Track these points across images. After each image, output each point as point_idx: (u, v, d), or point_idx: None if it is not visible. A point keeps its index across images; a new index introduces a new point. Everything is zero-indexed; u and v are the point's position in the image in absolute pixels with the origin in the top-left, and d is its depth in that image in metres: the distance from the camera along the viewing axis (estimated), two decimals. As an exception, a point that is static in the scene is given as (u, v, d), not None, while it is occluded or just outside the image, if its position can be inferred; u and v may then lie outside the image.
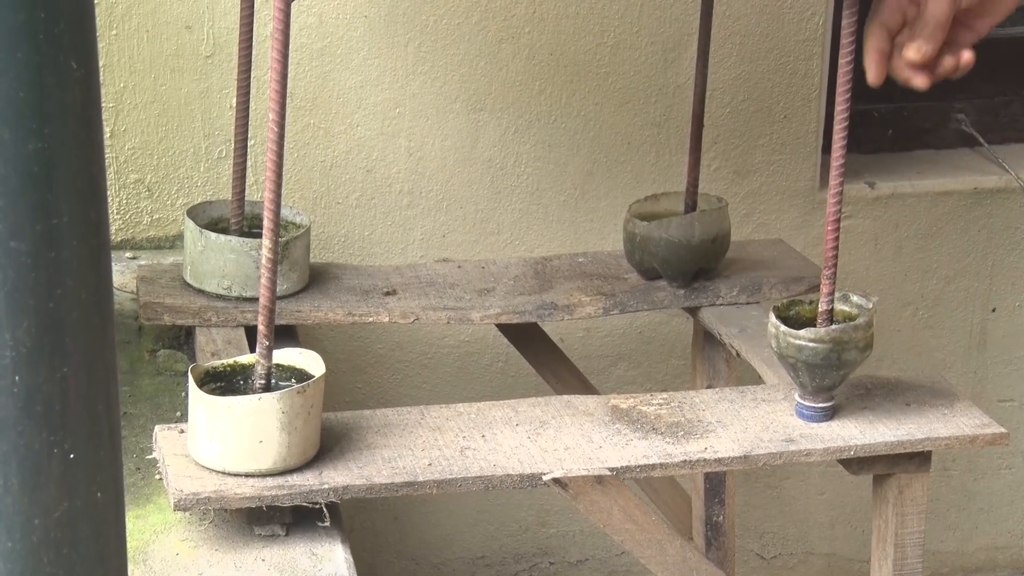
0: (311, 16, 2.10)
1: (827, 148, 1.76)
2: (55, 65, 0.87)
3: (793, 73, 2.28)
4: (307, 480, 1.55)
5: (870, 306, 1.71)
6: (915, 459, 1.73)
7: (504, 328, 2.02)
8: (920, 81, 1.65)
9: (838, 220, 1.68)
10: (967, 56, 1.67)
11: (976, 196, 2.43)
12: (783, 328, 1.68)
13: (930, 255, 2.43)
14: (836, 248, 1.69)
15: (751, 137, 2.29)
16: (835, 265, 1.70)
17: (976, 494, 2.56)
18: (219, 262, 1.89)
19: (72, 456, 0.94)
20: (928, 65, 1.64)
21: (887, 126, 1.76)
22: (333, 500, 1.56)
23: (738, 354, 1.92)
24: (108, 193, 2.11)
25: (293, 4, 1.53)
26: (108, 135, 2.10)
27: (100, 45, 2.05)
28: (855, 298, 1.72)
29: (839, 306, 1.71)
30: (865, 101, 1.89)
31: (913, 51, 1.62)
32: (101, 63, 2.06)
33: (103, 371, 0.94)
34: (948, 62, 1.65)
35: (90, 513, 0.97)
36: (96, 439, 0.96)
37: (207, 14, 2.07)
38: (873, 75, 1.66)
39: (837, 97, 1.65)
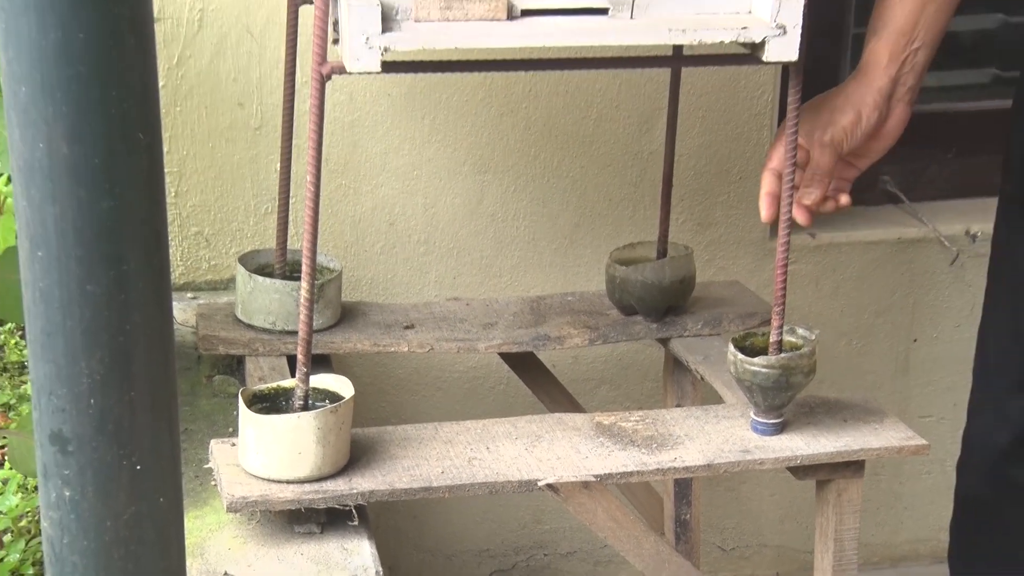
0: (343, 94, 2.10)
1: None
2: (124, 136, 0.86)
3: (747, 141, 2.27)
4: (339, 486, 1.54)
5: (813, 337, 1.71)
6: (851, 467, 1.72)
7: (505, 356, 2.02)
8: (803, 220, 1.68)
9: (785, 265, 1.67)
10: (844, 200, 1.72)
11: (900, 245, 2.42)
12: (740, 356, 1.67)
13: (862, 294, 2.43)
14: (784, 288, 1.69)
15: (712, 195, 2.29)
16: (783, 303, 1.69)
17: (902, 495, 2.55)
18: (265, 301, 1.88)
19: (139, 467, 0.93)
20: (813, 206, 1.68)
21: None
22: (361, 503, 1.56)
23: (702, 378, 1.91)
24: (172, 243, 2.12)
25: (328, 84, 1.52)
26: (173, 194, 2.09)
27: (166, 119, 2.05)
28: (800, 331, 1.72)
29: (787, 337, 1.70)
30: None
31: (804, 197, 1.67)
32: (167, 134, 2.06)
33: (165, 394, 0.93)
34: (829, 205, 1.70)
35: (154, 516, 0.96)
36: (159, 453, 0.95)
37: (256, 93, 2.07)
38: (766, 216, 1.69)
39: (785, 163, 1.65)
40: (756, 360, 1.67)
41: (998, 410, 1.94)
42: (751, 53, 1.57)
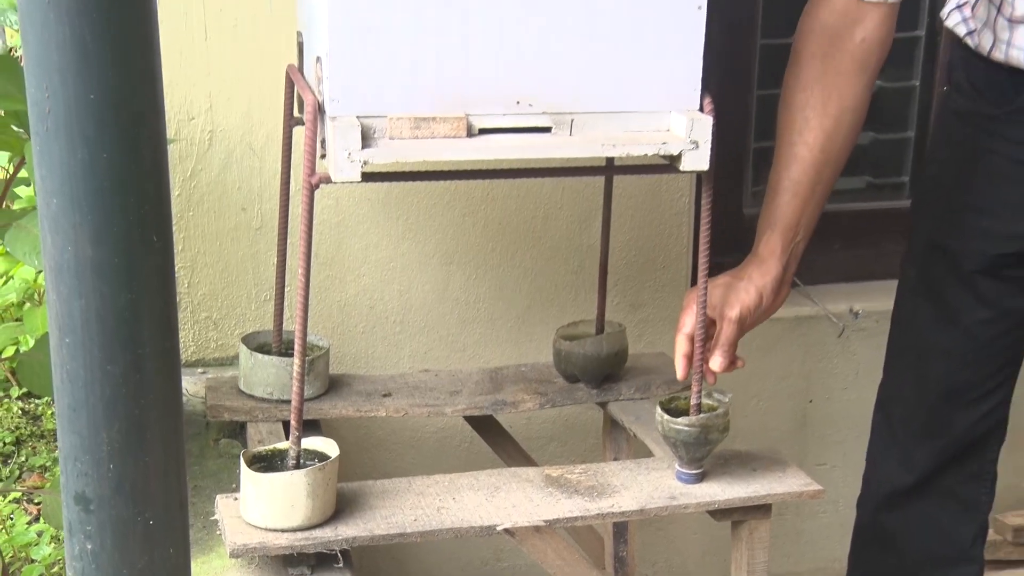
0: (330, 199, 2.09)
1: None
2: (141, 239, 0.86)
3: (669, 236, 2.28)
4: (326, 533, 1.52)
5: (726, 400, 1.70)
6: (760, 509, 1.71)
7: (469, 419, 2.00)
8: (710, 378, 1.71)
9: (702, 340, 1.67)
10: (740, 364, 1.74)
11: (796, 321, 2.43)
12: (666, 417, 1.67)
13: (767, 363, 2.43)
14: (702, 359, 1.68)
15: (641, 281, 2.29)
16: (701, 371, 1.69)
17: (803, 532, 2.54)
18: (264, 375, 1.87)
19: (151, 523, 0.91)
20: (721, 368, 1.72)
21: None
22: (345, 547, 1.53)
23: (635, 435, 1.90)
24: (185, 326, 2.10)
25: (316, 192, 1.51)
26: (186, 285, 2.08)
27: (181, 222, 2.04)
28: (716, 395, 1.71)
29: (705, 400, 1.69)
30: (719, 255, 1.88)
31: (714, 363, 1.70)
32: (182, 234, 2.05)
33: (175, 460, 0.92)
34: (731, 367, 1.73)
35: (165, 564, 0.95)
36: (169, 509, 0.93)
37: (256, 199, 2.07)
38: (681, 374, 1.71)
39: (700, 256, 1.65)
40: (679, 420, 1.66)
41: (904, 456, 1.94)
42: (670, 163, 1.58)
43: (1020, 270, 1.80)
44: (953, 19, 1.80)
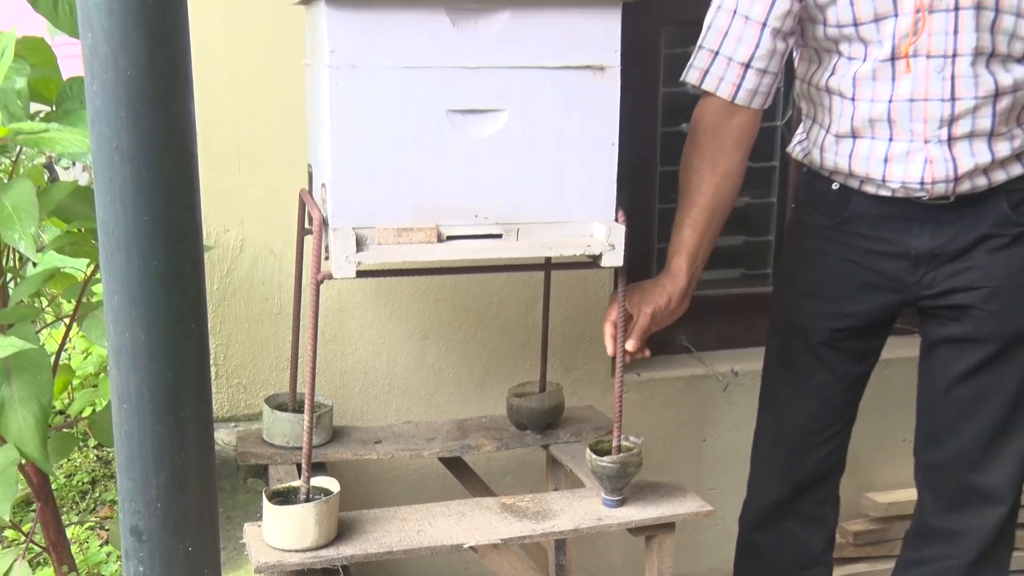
0: (333, 290, 2.08)
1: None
2: (183, 328, 0.84)
3: (595, 316, 2.28)
4: (330, 553, 1.49)
5: (640, 442, 1.69)
6: (667, 526, 1.69)
7: (442, 459, 1.97)
8: (628, 358, 1.68)
9: (621, 395, 1.67)
10: (647, 353, 1.71)
11: (692, 379, 2.43)
12: (593, 456, 1.65)
13: (670, 412, 2.42)
14: (620, 410, 1.68)
15: (573, 350, 2.29)
16: (620, 419, 1.68)
17: (700, 542, 2.51)
18: (282, 428, 1.84)
19: (191, 550, 0.89)
20: (633, 352, 1.68)
21: (652, 343, 1.80)
22: (345, 563, 1.50)
23: (571, 471, 1.87)
24: (220, 390, 2.07)
25: (322, 286, 1.50)
26: (222, 358, 2.05)
27: (219, 309, 2.02)
28: (632, 438, 1.70)
29: (624, 443, 1.68)
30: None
31: (629, 344, 1.67)
32: (219, 319, 2.02)
33: (209, 501, 0.89)
34: (641, 354, 1.70)
35: None
36: (204, 539, 0.91)
37: (277, 291, 2.05)
38: (609, 351, 1.68)
39: (618, 331, 1.65)
40: (604, 459, 1.65)
41: (771, 486, 1.94)
42: (594, 261, 1.58)
43: (852, 342, 1.81)
44: (794, 150, 1.83)
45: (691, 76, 1.70)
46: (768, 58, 1.64)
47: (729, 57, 1.65)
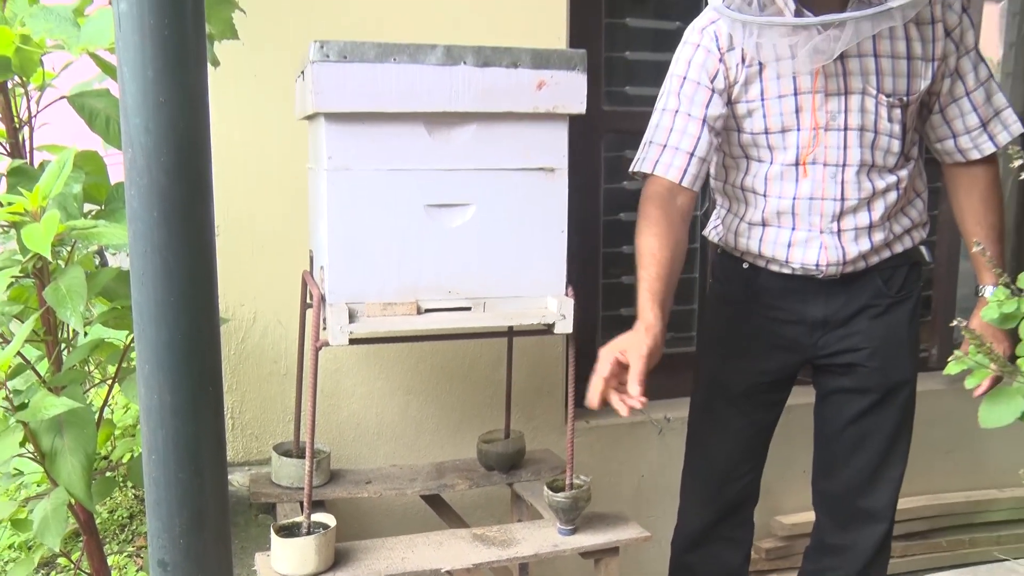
0: (331, 355, 2.07)
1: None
2: (202, 390, 0.84)
3: (552, 373, 2.28)
4: (328, 577, 1.46)
5: (588, 480, 1.68)
6: (612, 551, 1.68)
7: (423, 496, 1.96)
8: (625, 411, 1.49)
9: (572, 440, 1.66)
10: (645, 401, 1.52)
11: (632, 425, 2.43)
12: (550, 492, 1.64)
13: (614, 453, 2.42)
14: (572, 453, 1.67)
15: (533, 403, 2.28)
16: (572, 461, 1.67)
17: (640, 563, 2.49)
18: (287, 471, 1.81)
19: (208, 579, 0.87)
20: (637, 399, 1.50)
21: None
22: (341, 587, 1.47)
23: (531, 505, 1.85)
24: (236, 440, 2.04)
25: (320, 351, 1.50)
26: (238, 412, 2.02)
27: (235, 372, 2.00)
28: (582, 477, 1.69)
29: (575, 480, 1.67)
30: (581, 382, 1.85)
31: (633, 390, 1.47)
32: (235, 379, 2.00)
33: (224, 537, 0.88)
34: (642, 401, 1.52)
35: None
36: (221, 568, 0.89)
37: (284, 356, 2.04)
38: (594, 404, 1.50)
39: (569, 387, 1.65)
40: (558, 495, 1.64)
41: (696, 514, 1.93)
42: (549, 328, 1.59)
43: (764, 395, 1.82)
44: (711, 234, 1.87)
45: (644, 166, 1.67)
46: (707, 149, 1.64)
47: (676, 147, 1.65)
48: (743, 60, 1.62)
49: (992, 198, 1.72)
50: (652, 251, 1.67)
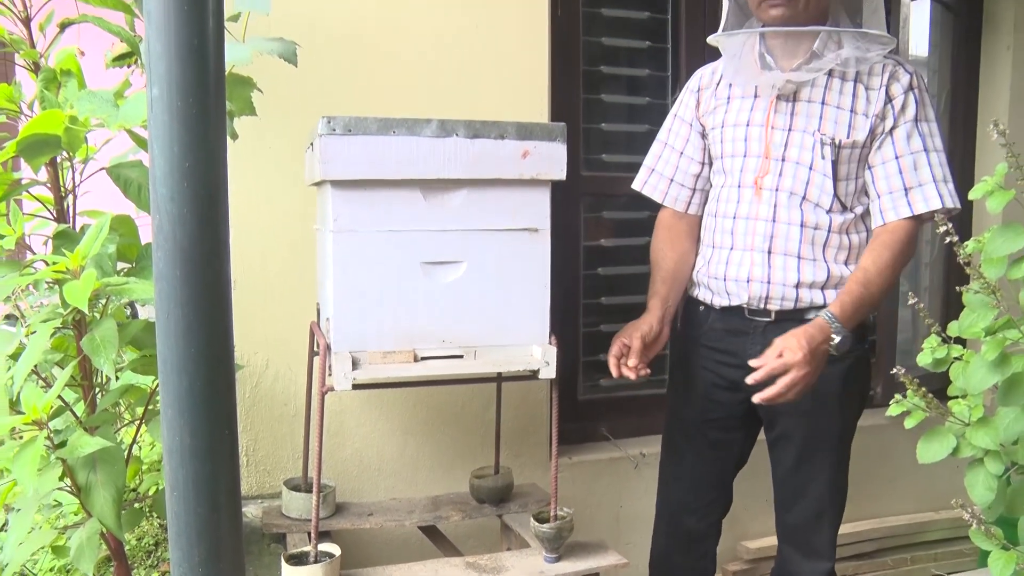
0: (336, 398, 2.07)
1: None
2: (219, 432, 0.84)
3: (538, 414, 2.28)
4: (332, 604, 1.44)
5: (571, 512, 1.68)
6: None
7: (421, 527, 1.94)
8: (633, 376, 1.65)
9: (556, 475, 1.66)
10: (648, 371, 1.68)
11: (610, 461, 2.41)
12: (536, 523, 1.64)
13: (594, 486, 2.40)
14: (556, 487, 1.67)
15: (520, 441, 2.27)
16: (556, 494, 1.67)
17: (622, 588, 2.46)
18: (297, 504, 1.80)
19: (222, 605, 0.86)
20: (635, 369, 1.65)
21: (579, 434, 1.78)
22: (344, 613, 1.45)
23: (519, 535, 1.84)
24: (250, 475, 2.03)
25: (327, 396, 1.50)
26: (252, 450, 2.01)
27: (249, 414, 1.99)
28: (565, 509, 1.69)
29: (559, 512, 1.67)
30: (564, 422, 1.87)
31: (631, 361, 1.65)
32: (249, 420, 2.00)
33: (239, 564, 0.88)
34: (643, 369, 1.67)
35: None
36: (233, 596, 0.88)
37: (293, 398, 2.03)
38: (615, 373, 1.66)
39: (553, 427, 1.65)
40: (544, 525, 1.63)
41: (666, 542, 1.91)
42: (534, 374, 1.60)
43: (717, 434, 1.81)
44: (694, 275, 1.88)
45: (636, 184, 1.85)
46: (684, 175, 1.80)
47: (660, 173, 1.82)
48: (715, 92, 1.75)
49: (881, 247, 1.61)
50: (660, 264, 1.82)
